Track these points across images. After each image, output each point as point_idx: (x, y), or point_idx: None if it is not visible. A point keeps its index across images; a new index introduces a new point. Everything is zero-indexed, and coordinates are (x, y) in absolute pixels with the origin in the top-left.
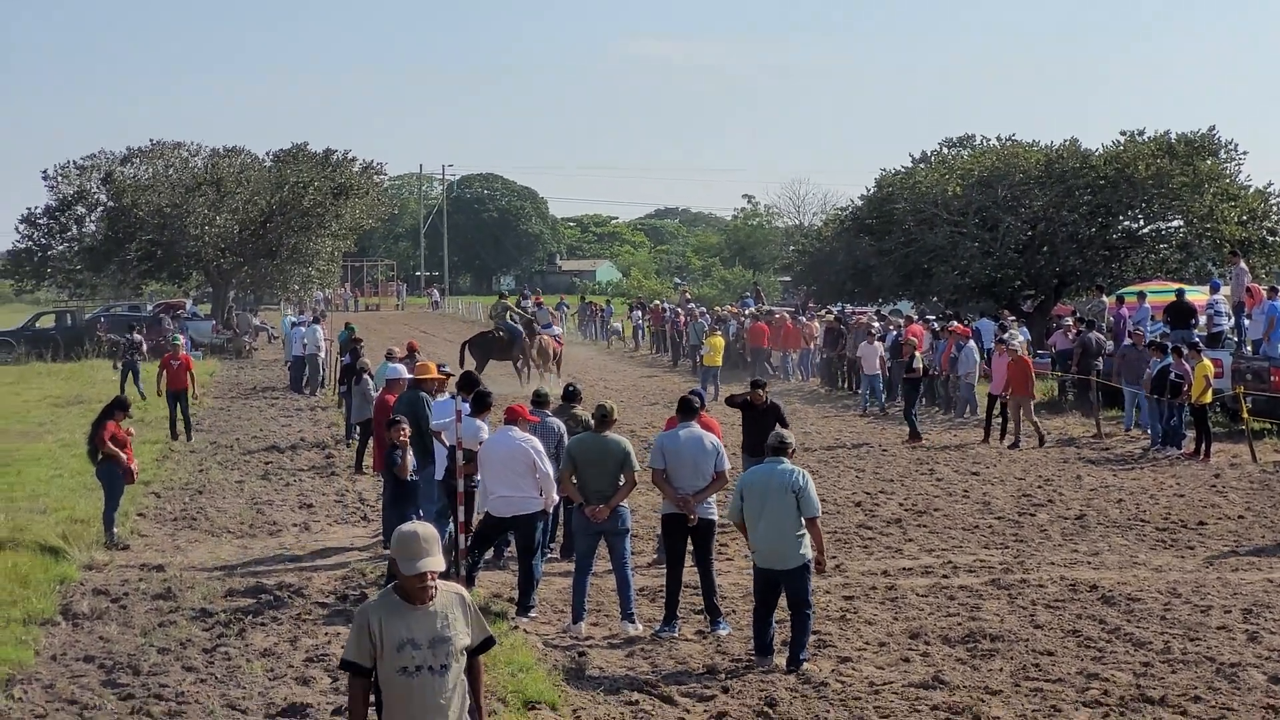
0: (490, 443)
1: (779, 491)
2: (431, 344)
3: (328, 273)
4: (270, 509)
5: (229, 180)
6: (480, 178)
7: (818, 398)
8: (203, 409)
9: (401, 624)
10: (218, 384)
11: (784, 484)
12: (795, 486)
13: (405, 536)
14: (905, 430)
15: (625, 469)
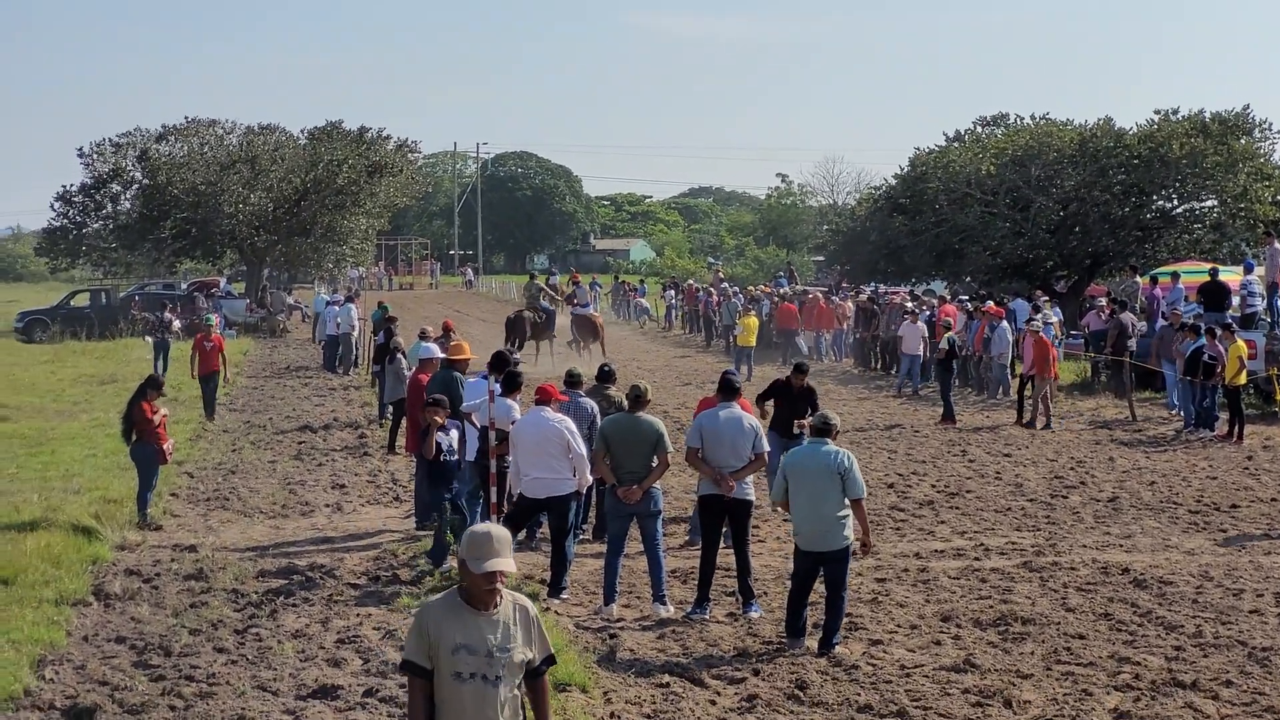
0: (523, 423)
1: (824, 473)
2: (465, 323)
3: (361, 251)
4: (303, 489)
5: (263, 158)
6: (514, 156)
7: (850, 378)
8: (235, 388)
9: (459, 627)
10: (251, 363)
11: (829, 465)
12: (840, 468)
13: (477, 537)
14: (938, 412)
15: (658, 450)
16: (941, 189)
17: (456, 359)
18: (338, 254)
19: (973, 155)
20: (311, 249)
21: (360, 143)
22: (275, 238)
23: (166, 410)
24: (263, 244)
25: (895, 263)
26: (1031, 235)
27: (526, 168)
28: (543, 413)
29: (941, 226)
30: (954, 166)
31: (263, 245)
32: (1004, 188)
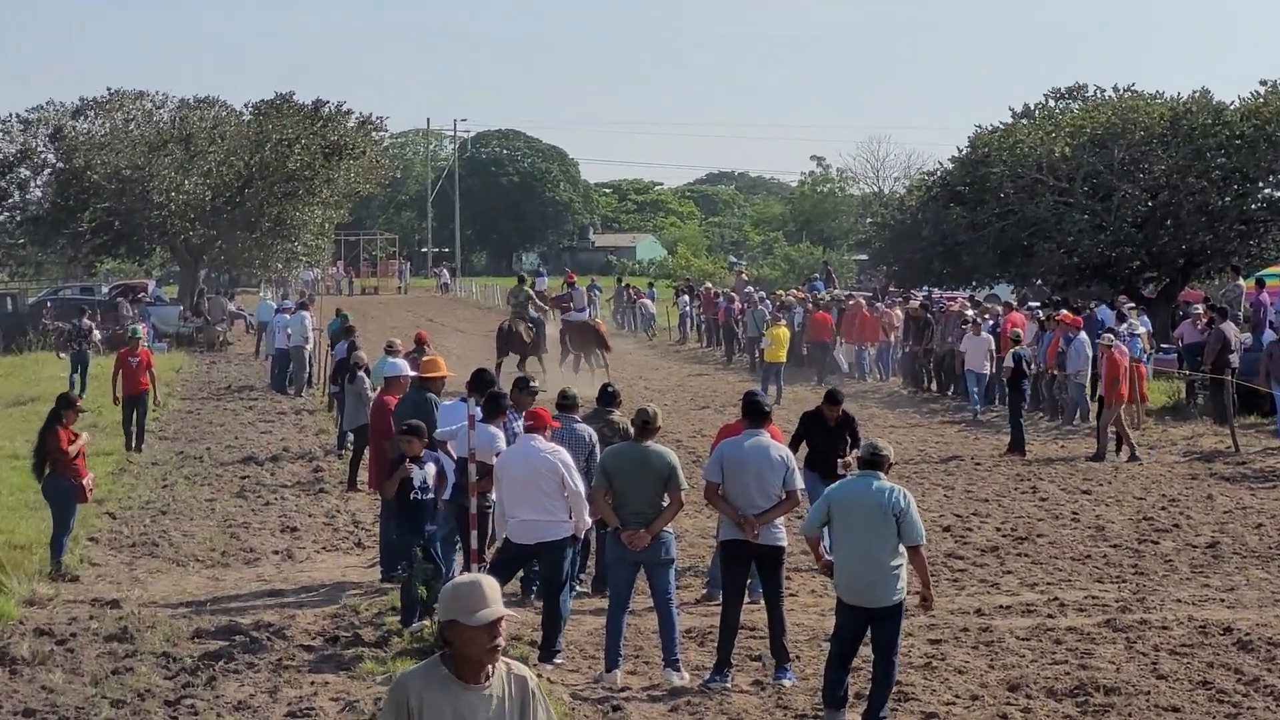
0: (509, 455)
1: (875, 513)
2: (441, 335)
3: (317, 249)
4: (246, 533)
5: (200, 137)
6: (498, 135)
7: (899, 400)
8: (167, 412)
9: (448, 706)
10: (185, 382)
11: (881, 505)
12: (895, 508)
13: (463, 587)
14: (1003, 440)
15: (670, 486)
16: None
17: (430, 377)
18: (288, 251)
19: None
20: (257, 245)
21: (315, 119)
22: (214, 232)
23: (87, 437)
24: (199, 240)
25: (952, 262)
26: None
27: (513, 149)
28: (533, 442)
29: (1007, 219)
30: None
31: (199, 241)
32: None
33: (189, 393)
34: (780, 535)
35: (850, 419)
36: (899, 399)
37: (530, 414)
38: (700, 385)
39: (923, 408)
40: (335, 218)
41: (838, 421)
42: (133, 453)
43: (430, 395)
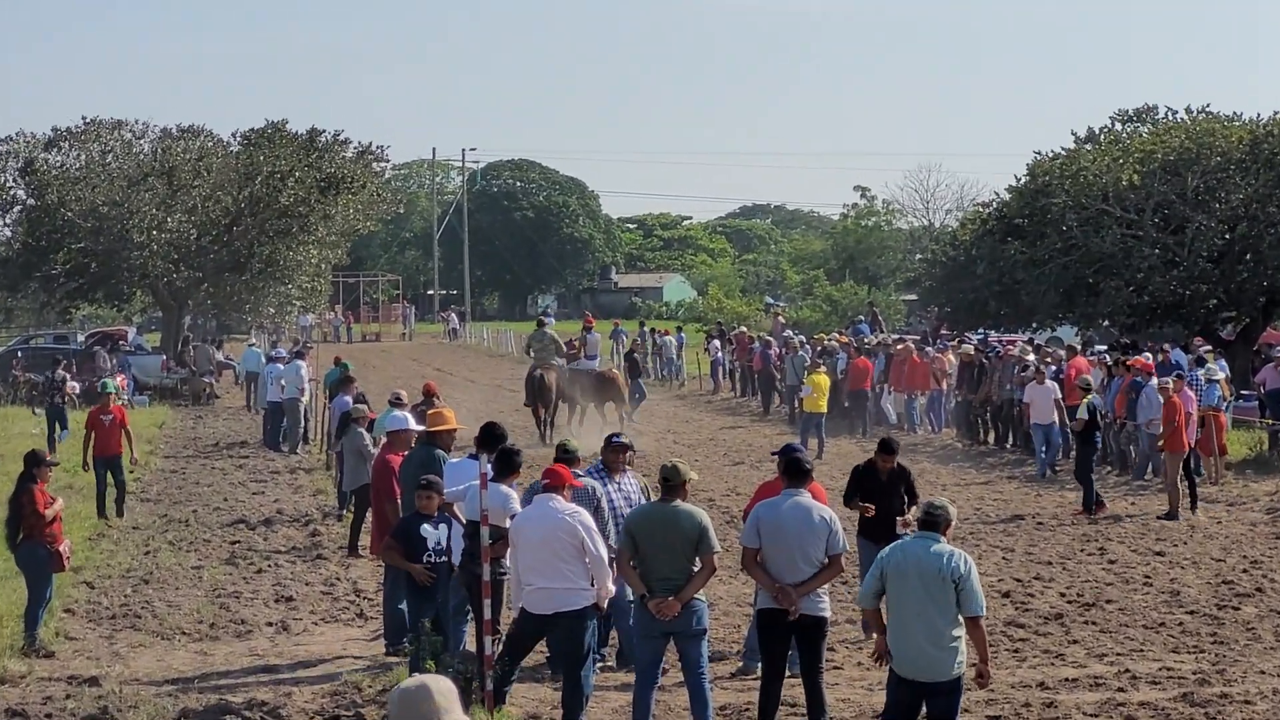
0: (525, 517)
1: (932, 579)
2: (450, 385)
3: (313, 291)
4: (237, 603)
5: (184, 170)
6: (511, 166)
7: (952, 454)
8: (150, 472)
9: None
10: (169, 439)
11: (939, 570)
12: (955, 574)
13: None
14: (1070, 497)
15: (701, 549)
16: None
17: (439, 431)
18: (282, 295)
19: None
20: (247, 288)
21: (310, 149)
22: (199, 274)
23: (62, 502)
24: (183, 282)
25: (1010, 302)
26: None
27: (527, 181)
28: (551, 503)
29: (1070, 255)
30: (1086, 176)
31: (183, 284)
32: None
33: (173, 450)
34: (823, 605)
35: (906, 472)
36: (953, 452)
37: (548, 472)
38: (734, 439)
39: (979, 462)
40: (333, 258)
41: (891, 475)
42: (109, 520)
43: (438, 452)
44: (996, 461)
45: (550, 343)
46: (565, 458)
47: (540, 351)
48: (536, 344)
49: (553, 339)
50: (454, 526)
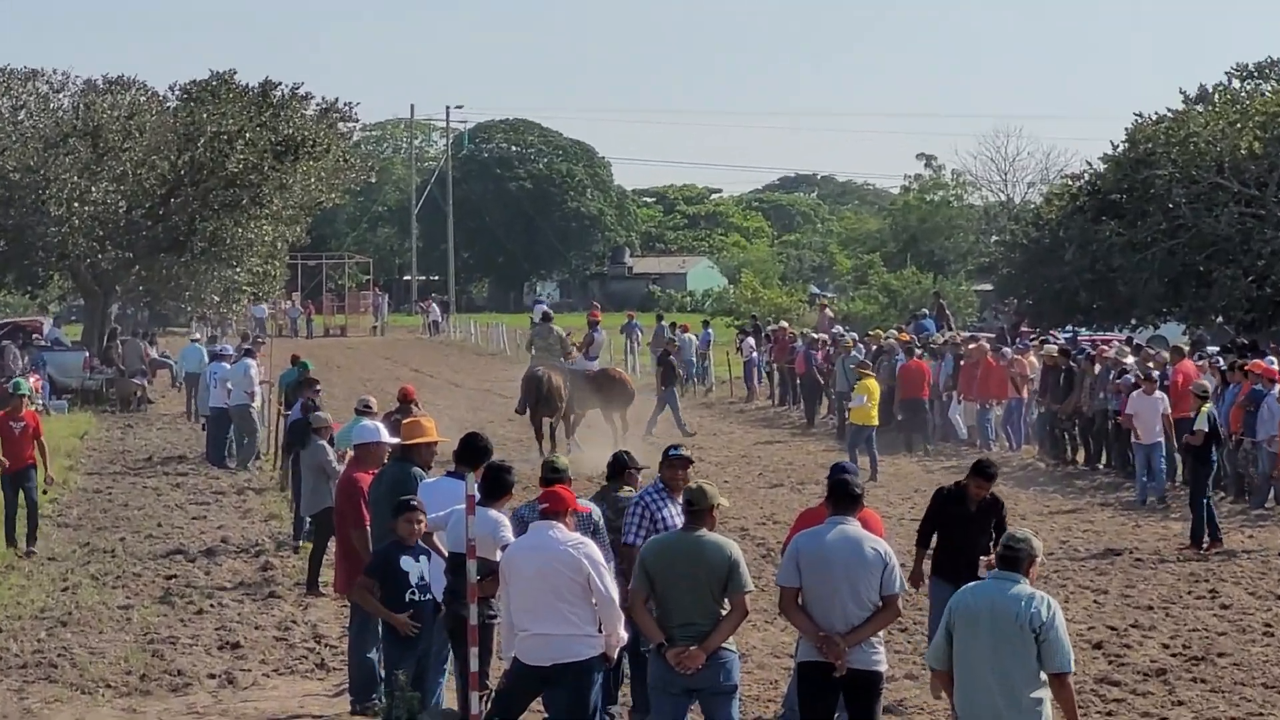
0: (519, 549)
1: (1009, 628)
2: (430, 389)
3: (266, 277)
4: (173, 650)
5: (111, 130)
6: (505, 127)
7: (1034, 476)
8: (69, 492)
9: None
10: (92, 452)
11: (1017, 616)
12: (1035, 622)
13: None
14: (1177, 528)
15: (731, 589)
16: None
17: (416, 444)
18: (228, 280)
19: (1227, 125)
20: (187, 272)
21: (263, 106)
22: (130, 254)
23: None
24: (110, 264)
25: (1104, 294)
26: None
27: (524, 145)
28: (551, 532)
29: (1177, 238)
30: (1197, 143)
31: (110, 267)
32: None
33: (97, 465)
34: (877, 657)
35: (998, 504)
36: (1034, 474)
37: (546, 494)
38: (772, 456)
39: (1065, 486)
40: (290, 236)
41: (983, 506)
42: (19, 549)
43: (414, 469)
44: (1086, 485)
45: (556, 340)
46: (554, 478)
47: (544, 350)
48: (540, 340)
49: (559, 336)
50: (433, 560)
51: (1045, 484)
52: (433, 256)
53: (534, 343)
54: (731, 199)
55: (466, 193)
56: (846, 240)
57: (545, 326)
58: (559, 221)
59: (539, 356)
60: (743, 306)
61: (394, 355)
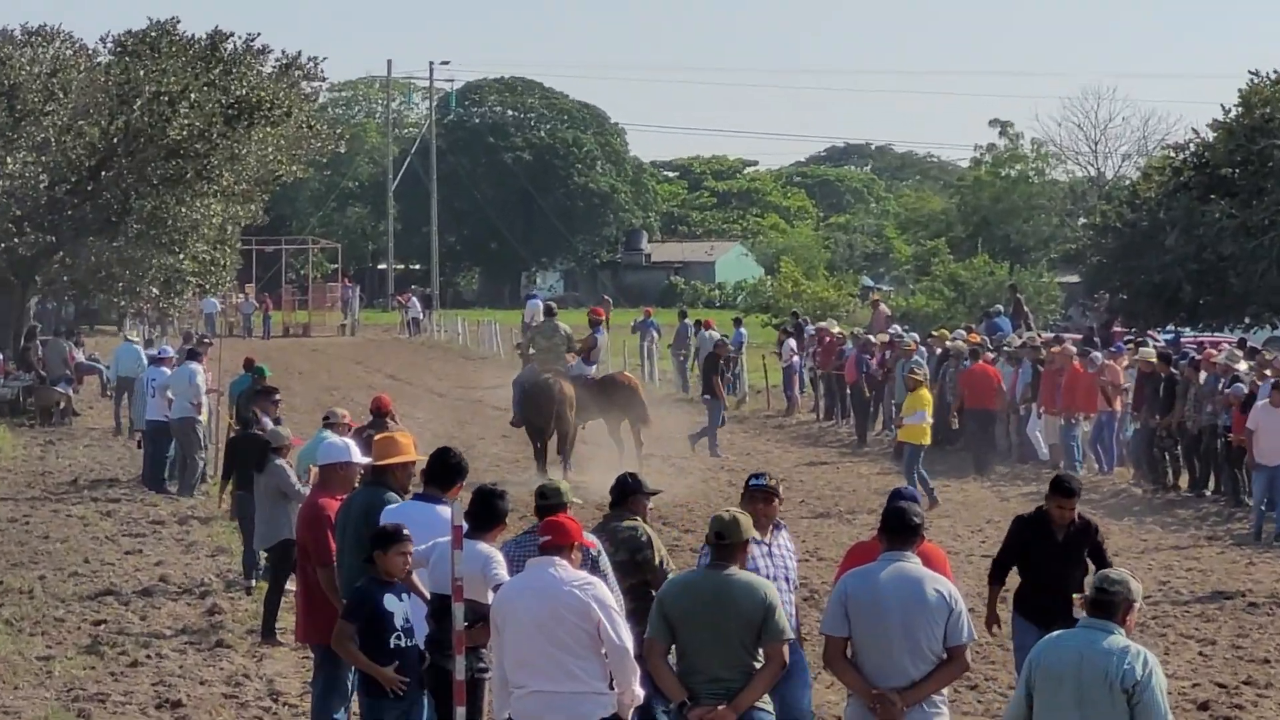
0: (514, 590)
1: (1097, 687)
2: (409, 399)
3: (214, 265)
4: (103, 710)
5: (30, 90)
6: (500, 87)
7: (1129, 504)
8: None
9: None
10: (6, 473)
11: (1107, 674)
12: (1128, 681)
13: None
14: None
15: (767, 637)
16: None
17: (390, 465)
18: (170, 269)
19: None
20: (121, 260)
21: (211, 62)
22: (52, 238)
23: None
24: (28, 250)
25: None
26: None
27: (523, 109)
28: (552, 570)
29: None
30: None
31: (28, 252)
32: None
33: (12, 490)
34: (939, 718)
35: (1090, 528)
36: (1128, 502)
37: (548, 525)
38: (816, 480)
39: (1165, 515)
40: (243, 216)
41: (1072, 532)
42: None
43: (388, 494)
44: (1190, 515)
45: (563, 340)
46: (548, 505)
47: (547, 352)
48: (543, 340)
49: (566, 335)
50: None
51: (1142, 514)
52: (413, 242)
53: (535, 342)
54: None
55: (453, 165)
56: (906, 223)
57: (550, 323)
58: (563, 200)
59: (541, 358)
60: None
61: (366, 359)
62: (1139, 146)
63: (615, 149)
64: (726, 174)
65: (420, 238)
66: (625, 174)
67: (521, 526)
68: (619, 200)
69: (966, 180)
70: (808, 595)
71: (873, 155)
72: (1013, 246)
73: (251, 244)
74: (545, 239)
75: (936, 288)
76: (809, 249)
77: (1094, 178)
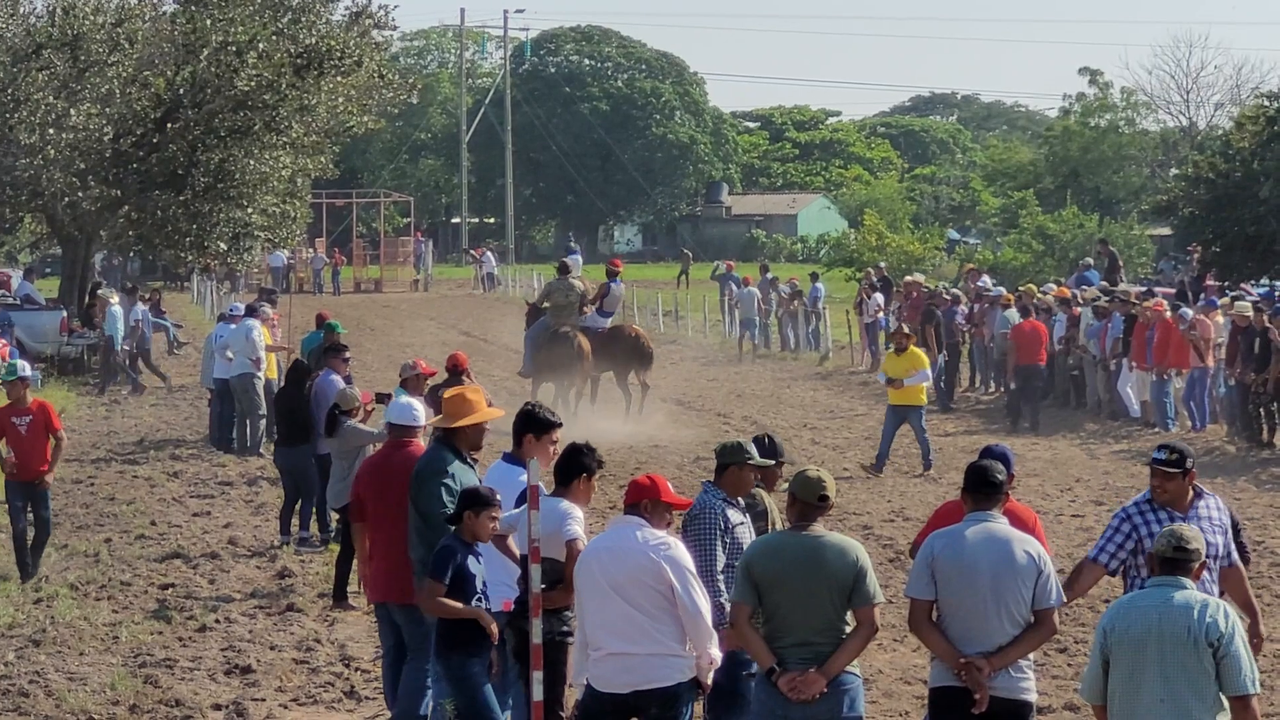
0: (593, 551)
1: (1179, 644)
2: (485, 356)
3: (284, 218)
4: (170, 677)
5: (95, 41)
6: (576, 36)
7: (1223, 462)
8: None
9: None
10: (72, 434)
11: (1188, 630)
12: (1213, 634)
13: None
14: None
15: (856, 601)
16: None
17: (460, 427)
18: (238, 223)
19: None
20: (187, 214)
21: (280, 11)
22: (117, 192)
23: None
24: (93, 204)
25: None
26: None
27: (600, 59)
28: (630, 530)
29: None
30: None
31: (93, 207)
32: None
33: (77, 451)
34: (1026, 685)
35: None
36: (1223, 460)
37: (634, 486)
38: (901, 438)
39: (1260, 473)
40: (314, 169)
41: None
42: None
43: (456, 456)
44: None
45: (577, 296)
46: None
47: (561, 308)
48: (559, 295)
49: (581, 293)
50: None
51: (1236, 472)
52: (487, 195)
53: (552, 298)
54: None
55: (528, 116)
56: (993, 174)
57: (565, 281)
58: (641, 151)
59: (555, 314)
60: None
61: (440, 315)
62: (1232, 95)
63: (694, 99)
64: (809, 125)
65: (495, 191)
66: (705, 125)
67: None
68: (698, 152)
69: (1055, 130)
70: (893, 556)
71: (959, 105)
72: (1102, 198)
73: (321, 198)
74: (623, 191)
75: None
76: (893, 201)
77: (1185, 127)
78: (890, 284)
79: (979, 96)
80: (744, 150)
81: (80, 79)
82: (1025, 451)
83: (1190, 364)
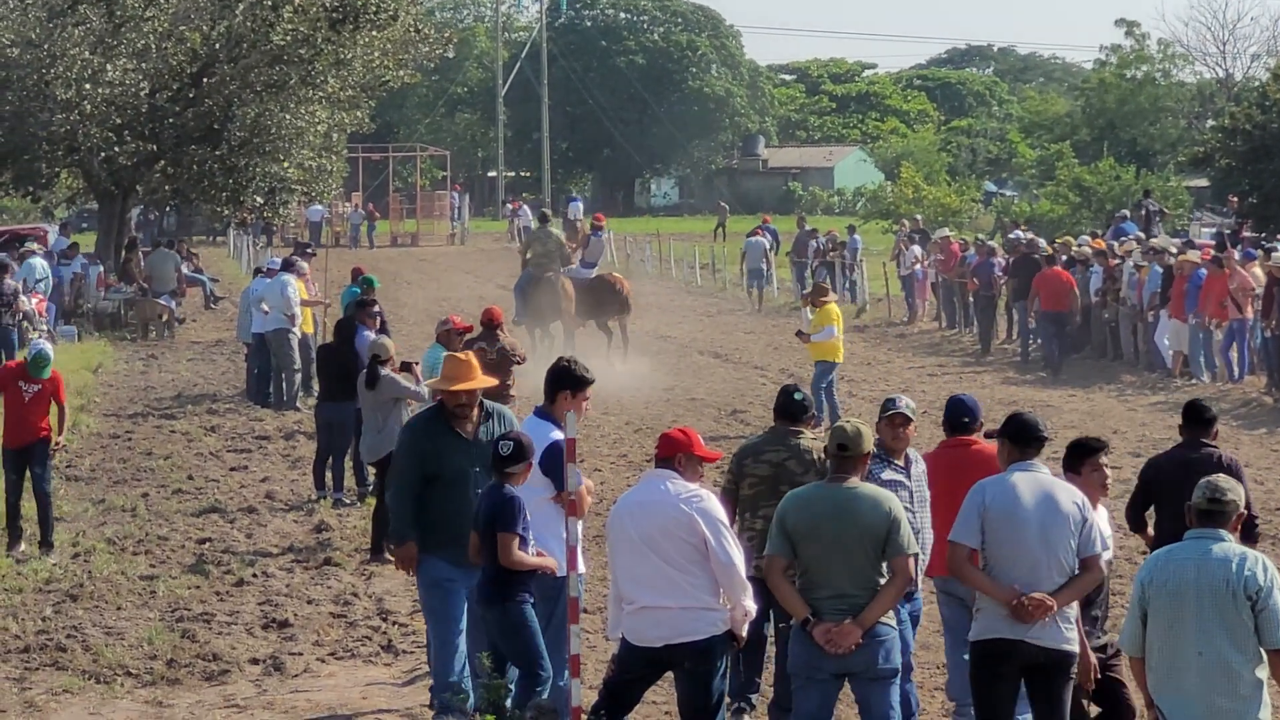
0: (624, 505)
1: (1218, 596)
2: None
3: (320, 173)
4: (208, 631)
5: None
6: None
7: (1258, 414)
8: (81, 439)
9: None
10: (108, 389)
11: (1227, 582)
12: (1251, 587)
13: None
14: None
15: (890, 551)
16: None
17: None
18: (274, 178)
19: None
20: (224, 168)
21: None
22: (154, 147)
23: None
24: (130, 159)
25: None
26: None
27: (636, 11)
28: (661, 483)
29: None
30: None
31: (130, 162)
32: None
33: (115, 405)
34: (1069, 635)
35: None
36: (1259, 412)
37: (666, 439)
38: (939, 390)
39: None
40: (350, 123)
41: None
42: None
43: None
44: None
45: (556, 246)
46: None
47: (541, 257)
48: (538, 245)
49: (559, 242)
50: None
51: (1274, 423)
52: (523, 148)
53: (531, 248)
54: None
55: (565, 70)
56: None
57: (544, 230)
58: (678, 105)
59: (536, 263)
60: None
61: (476, 269)
62: (1269, 46)
63: (731, 52)
64: (845, 77)
65: (531, 144)
66: (741, 78)
67: None
68: (735, 105)
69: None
70: None
71: (995, 57)
72: (1139, 150)
73: (358, 152)
74: (659, 145)
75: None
76: (930, 153)
77: (1222, 79)
78: (927, 236)
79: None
80: (780, 103)
81: (116, 34)
82: (1063, 404)
83: (1228, 315)
